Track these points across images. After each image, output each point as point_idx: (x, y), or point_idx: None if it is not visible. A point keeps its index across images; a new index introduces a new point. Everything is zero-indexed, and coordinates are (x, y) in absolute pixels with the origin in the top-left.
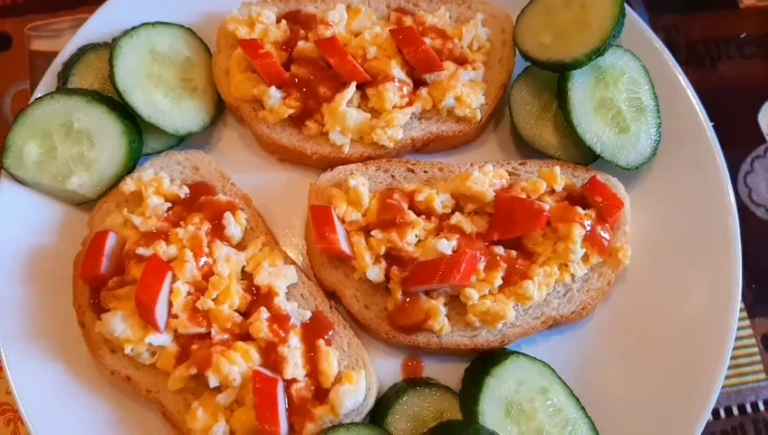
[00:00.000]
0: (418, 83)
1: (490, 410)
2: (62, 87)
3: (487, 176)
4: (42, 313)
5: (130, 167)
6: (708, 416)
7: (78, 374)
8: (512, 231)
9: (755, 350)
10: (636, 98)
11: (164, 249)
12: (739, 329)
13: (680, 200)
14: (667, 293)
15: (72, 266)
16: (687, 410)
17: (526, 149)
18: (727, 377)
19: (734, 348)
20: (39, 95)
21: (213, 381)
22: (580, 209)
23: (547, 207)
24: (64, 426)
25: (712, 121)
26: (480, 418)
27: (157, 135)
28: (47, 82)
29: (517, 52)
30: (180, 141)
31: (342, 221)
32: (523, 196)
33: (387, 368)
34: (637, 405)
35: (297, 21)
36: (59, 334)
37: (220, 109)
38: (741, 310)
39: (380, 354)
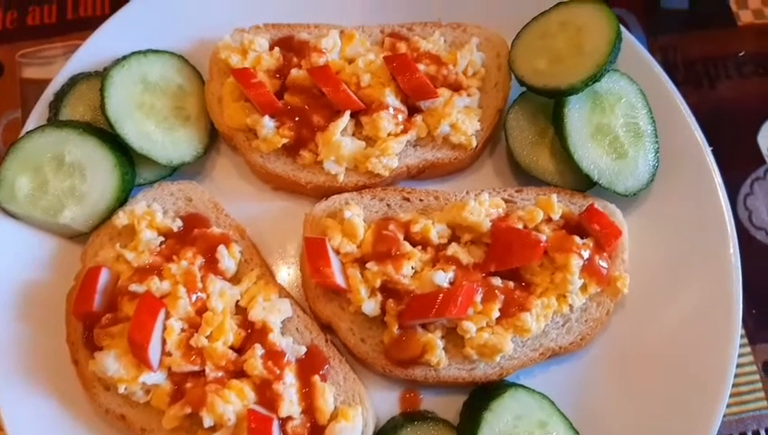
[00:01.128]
0: (413, 110)
1: None
2: (54, 118)
3: (483, 205)
4: (35, 349)
5: (123, 199)
6: None
7: (72, 412)
8: (509, 262)
9: (756, 377)
10: (633, 123)
11: (157, 285)
12: (740, 356)
13: (679, 226)
14: (667, 321)
15: (65, 302)
16: None
17: (523, 175)
18: (728, 405)
19: (735, 375)
20: (30, 127)
21: (207, 421)
22: (577, 239)
23: (544, 237)
24: None
25: (711, 145)
26: None
27: (149, 166)
28: (38, 112)
29: (512, 77)
30: (173, 171)
31: (337, 253)
32: (520, 225)
33: (384, 401)
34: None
35: (290, 48)
36: (53, 371)
37: (213, 137)
38: (742, 336)
39: (377, 387)
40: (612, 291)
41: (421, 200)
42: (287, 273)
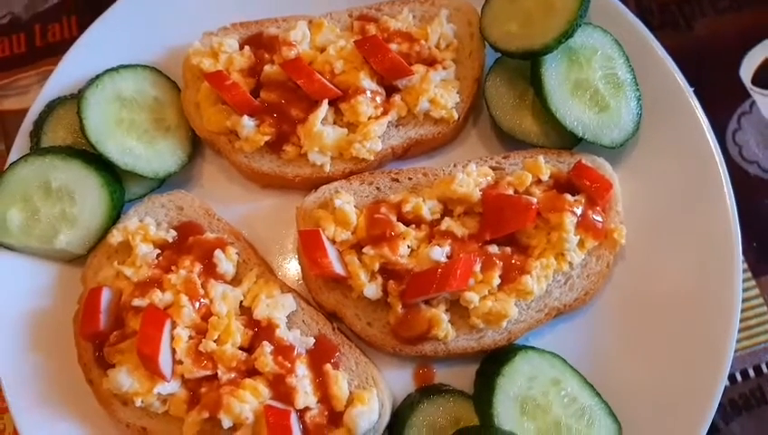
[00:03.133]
0: (391, 91)
1: (505, 410)
2: (36, 146)
3: (471, 176)
4: (49, 376)
5: (115, 217)
6: (725, 383)
7: (94, 431)
8: (503, 229)
9: (764, 309)
10: (612, 74)
11: (159, 297)
12: (745, 290)
13: (670, 170)
14: (669, 266)
15: (72, 325)
16: (703, 381)
17: (508, 141)
18: (739, 340)
19: (743, 310)
20: (13, 159)
21: (226, 423)
22: (568, 196)
23: (535, 199)
24: None
25: (693, 85)
26: (496, 420)
27: (137, 180)
28: (20, 143)
29: (486, 44)
30: (161, 183)
31: (333, 242)
32: (510, 191)
33: (398, 380)
34: (652, 383)
35: (260, 45)
36: (70, 394)
37: (196, 144)
38: (745, 271)
39: (390, 368)
40: (610, 243)
41: (410, 179)
42: (287, 268)
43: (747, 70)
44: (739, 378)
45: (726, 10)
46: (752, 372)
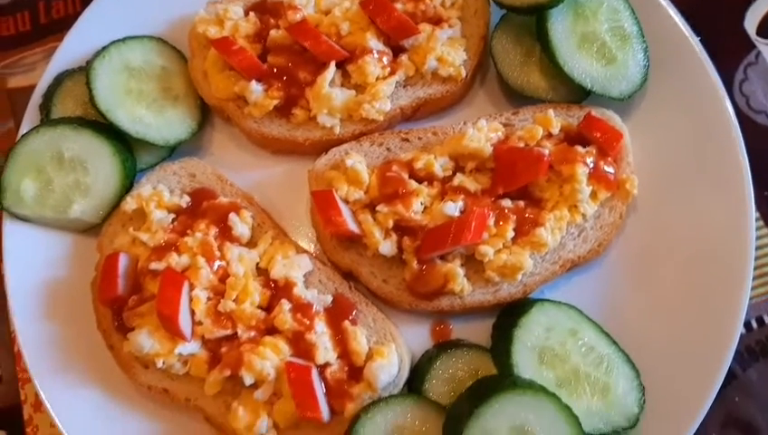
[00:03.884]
0: (397, 51)
1: (523, 360)
2: (46, 119)
3: (482, 131)
4: (70, 343)
5: (128, 185)
6: (740, 329)
7: (116, 395)
8: (515, 182)
9: None
10: (618, 26)
11: (176, 260)
12: (759, 238)
13: (679, 122)
14: (681, 215)
15: (89, 293)
16: (719, 328)
17: (517, 98)
18: (754, 287)
19: (757, 258)
20: (24, 131)
21: (248, 380)
22: (580, 148)
23: (546, 151)
24: None
25: (698, 36)
26: (515, 369)
27: (148, 149)
28: (30, 117)
29: (491, 1)
30: (172, 151)
31: (346, 202)
32: (521, 145)
33: (416, 337)
34: (667, 331)
35: (265, 10)
36: (90, 361)
37: (206, 112)
38: (757, 219)
39: (407, 325)
40: (623, 194)
41: (420, 139)
42: (301, 232)
43: (752, 21)
44: (755, 325)
45: None
46: (767, 319)
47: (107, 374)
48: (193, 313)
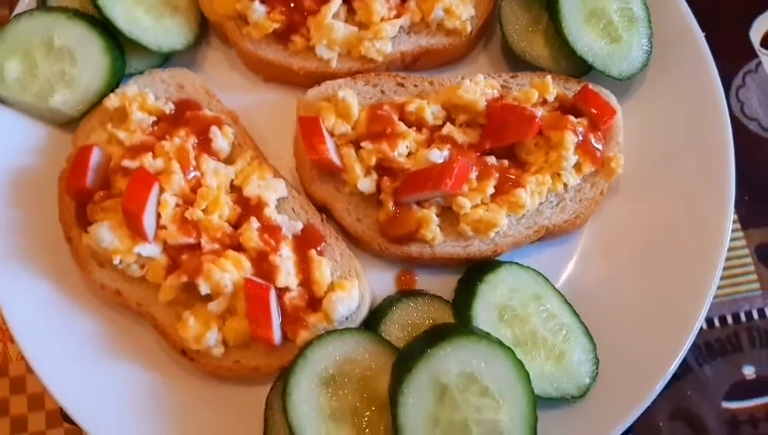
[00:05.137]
0: None
1: (483, 314)
2: (42, 5)
3: (479, 85)
4: (28, 231)
5: (113, 84)
6: (701, 322)
7: (67, 290)
8: (504, 138)
9: (749, 260)
10: (627, 8)
11: (150, 162)
12: (733, 240)
13: (673, 112)
14: (661, 203)
15: (56, 185)
16: (680, 317)
17: (518, 65)
18: (721, 287)
19: (729, 259)
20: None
21: (204, 289)
22: (572, 118)
23: (539, 113)
24: (55, 342)
25: (704, 33)
26: (474, 321)
27: (139, 54)
28: (27, 1)
29: None
30: (164, 61)
31: (332, 134)
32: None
33: (380, 282)
34: (630, 312)
35: None
36: (47, 252)
37: (204, 29)
38: (735, 222)
39: (374, 269)
40: (607, 172)
41: (416, 86)
42: (281, 160)
43: (758, 31)
44: (717, 323)
45: None
46: (730, 319)
47: (61, 268)
48: (159, 216)
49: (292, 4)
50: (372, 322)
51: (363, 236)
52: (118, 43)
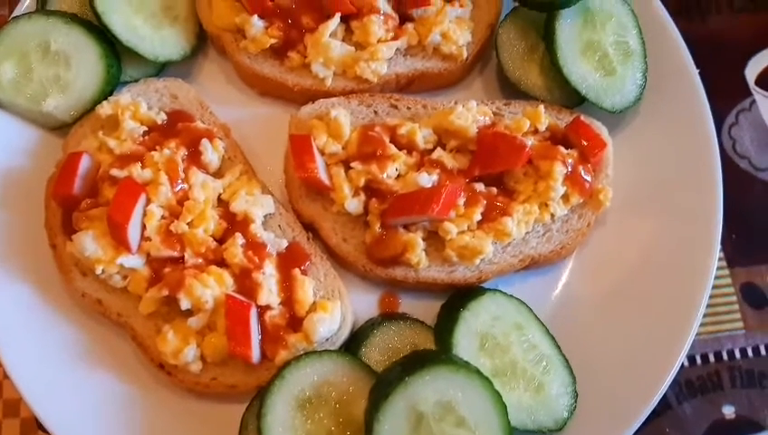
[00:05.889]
0: (404, 18)
1: (464, 342)
2: (41, 8)
3: (471, 111)
4: (12, 234)
5: (107, 92)
6: (683, 359)
7: (48, 296)
8: (493, 166)
9: (734, 299)
10: (623, 42)
11: (139, 172)
12: (718, 278)
13: (664, 146)
14: (647, 237)
15: (44, 189)
16: (662, 353)
17: (511, 93)
18: (705, 325)
19: (713, 296)
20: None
21: (184, 304)
22: (562, 148)
23: (530, 142)
24: (33, 349)
25: (698, 69)
26: (454, 349)
27: (135, 63)
28: (26, 4)
29: None
30: (159, 70)
31: (322, 153)
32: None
33: (363, 304)
34: (612, 346)
35: None
36: (30, 256)
37: (201, 41)
38: (720, 259)
39: (357, 290)
40: (594, 204)
41: (409, 108)
42: (270, 175)
43: (753, 70)
44: (699, 361)
45: (742, 9)
46: (712, 358)
47: (43, 273)
48: (144, 227)
49: (290, 21)
50: (353, 344)
51: (348, 257)
52: (114, 51)
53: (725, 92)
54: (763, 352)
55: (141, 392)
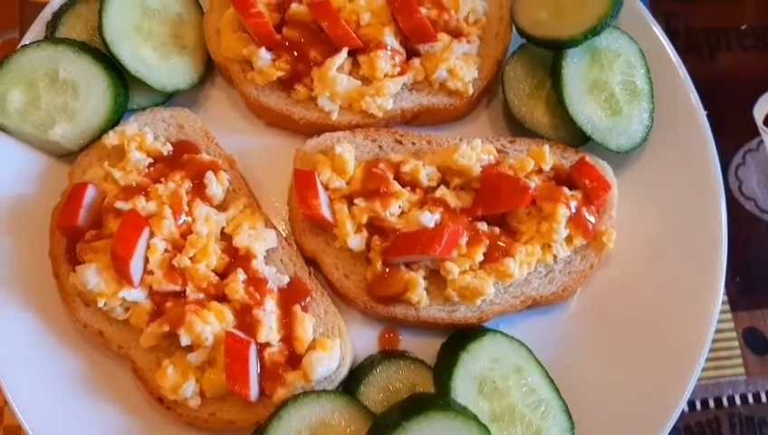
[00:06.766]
0: (411, 54)
1: (463, 385)
2: (50, 36)
3: (475, 150)
4: (17, 262)
5: (114, 121)
6: (683, 406)
7: (50, 325)
8: (496, 206)
9: (736, 344)
10: (630, 81)
11: (143, 204)
12: (721, 322)
13: (669, 188)
14: (650, 280)
15: (49, 217)
16: (662, 399)
17: (517, 129)
18: (706, 369)
19: (715, 341)
20: (26, 42)
21: (185, 340)
22: (566, 190)
23: (533, 184)
24: (34, 377)
25: (706, 110)
26: (452, 392)
27: (143, 91)
28: (36, 30)
29: (514, 28)
30: (167, 100)
31: (326, 188)
32: (511, 173)
33: (363, 339)
34: (611, 390)
35: None
36: (33, 285)
37: (209, 69)
38: (723, 302)
39: (357, 326)
40: (598, 246)
41: (413, 144)
42: (274, 207)
43: (761, 110)
44: (699, 406)
45: (752, 48)
46: (712, 403)
47: (46, 302)
48: (147, 260)
49: (297, 54)
50: (352, 382)
51: (349, 293)
52: (122, 80)
53: (733, 132)
54: (763, 398)
55: (141, 424)
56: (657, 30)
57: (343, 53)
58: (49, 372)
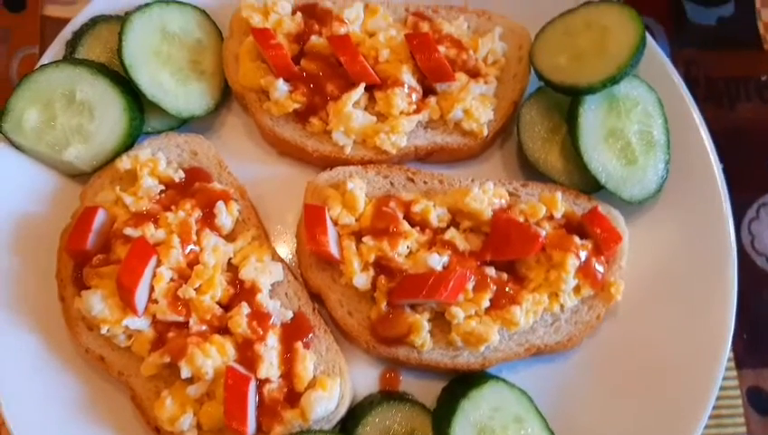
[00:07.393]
0: (428, 92)
1: (462, 433)
2: (70, 56)
3: (487, 194)
4: (23, 281)
5: (129, 144)
6: None
7: (53, 347)
8: (505, 253)
9: (739, 402)
10: (647, 131)
11: (152, 232)
12: (725, 379)
13: (680, 240)
14: (656, 333)
15: (58, 238)
16: None
17: (530, 172)
18: (708, 427)
19: (718, 398)
20: (45, 62)
21: (185, 372)
22: (576, 239)
23: (544, 232)
24: (33, 398)
25: (722, 162)
26: None
27: (159, 115)
28: (55, 49)
29: (532, 70)
30: (182, 124)
31: (335, 223)
32: (521, 219)
33: (364, 378)
34: None
35: (313, 14)
36: (38, 305)
37: (226, 95)
38: (729, 359)
39: (359, 363)
40: (605, 296)
41: (425, 183)
42: (282, 238)
43: None
44: None
45: None
46: None
47: (50, 323)
48: (152, 289)
49: (314, 87)
50: (350, 421)
51: (352, 331)
52: (138, 103)
53: (748, 184)
54: None
55: None
56: (677, 79)
57: (360, 89)
58: (49, 394)
